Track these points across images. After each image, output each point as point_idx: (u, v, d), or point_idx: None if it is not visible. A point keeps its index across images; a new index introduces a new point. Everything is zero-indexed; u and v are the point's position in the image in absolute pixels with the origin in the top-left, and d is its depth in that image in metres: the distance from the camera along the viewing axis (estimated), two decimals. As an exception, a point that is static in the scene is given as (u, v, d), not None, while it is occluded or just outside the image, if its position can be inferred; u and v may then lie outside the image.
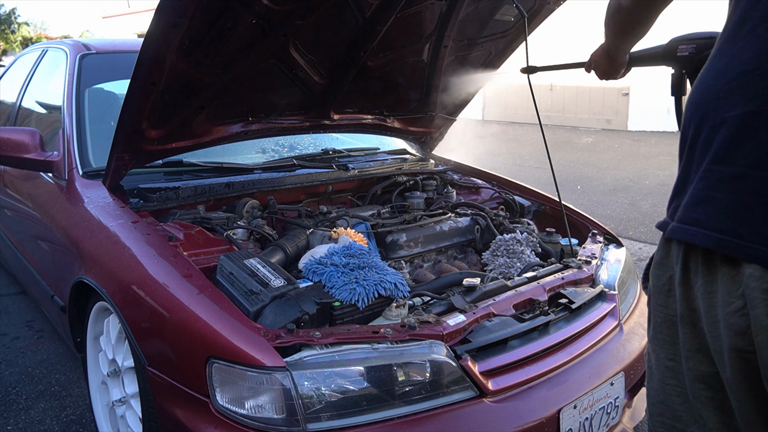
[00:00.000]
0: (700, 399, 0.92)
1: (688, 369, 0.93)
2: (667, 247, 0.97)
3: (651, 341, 1.03)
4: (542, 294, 1.82)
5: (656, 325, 1.01)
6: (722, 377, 0.88)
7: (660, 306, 1.00)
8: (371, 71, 2.40)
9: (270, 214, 2.20)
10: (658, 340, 1.00)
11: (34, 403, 2.44)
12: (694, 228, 0.87)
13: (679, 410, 0.97)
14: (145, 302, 1.60)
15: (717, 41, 0.92)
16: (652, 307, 1.03)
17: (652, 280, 1.02)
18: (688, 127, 0.93)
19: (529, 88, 1.94)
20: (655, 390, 1.02)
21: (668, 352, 0.98)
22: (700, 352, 0.91)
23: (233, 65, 1.94)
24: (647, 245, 4.73)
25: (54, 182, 2.34)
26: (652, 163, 8.40)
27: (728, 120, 0.84)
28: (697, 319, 0.90)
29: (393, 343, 1.46)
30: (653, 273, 1.02)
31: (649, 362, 1.04)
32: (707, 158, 0.87)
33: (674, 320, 0.96)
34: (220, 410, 1.38)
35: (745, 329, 0.81)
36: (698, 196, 0.88)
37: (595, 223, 2.50)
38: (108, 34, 25.35)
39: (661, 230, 0.96)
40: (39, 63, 3.13)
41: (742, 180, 0.82)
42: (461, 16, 2.27)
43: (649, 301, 1.04)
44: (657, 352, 1.01)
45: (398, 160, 2.90)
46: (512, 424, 1.48)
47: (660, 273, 0.99)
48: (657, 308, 1.01)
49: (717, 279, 0.85)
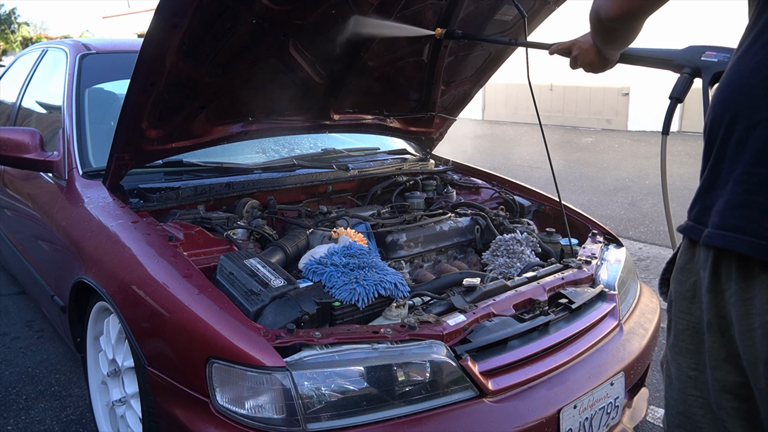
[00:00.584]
0: (725, 410, 0.89)
1: (714, 379, 0.90)
2: (691, 252, 0.92)
3: (671, 349, 0.99)
4: (542, 294, 1.82)
5: (678, 333, 0.97)
6: (754, 387, 0.84)
7: (683, 313, 0.95)
8: (371, 71, 2.40)
9: (270, 214, 2.20)
10: (680, 349, 0.96)
11: (34, 403, 2.44)
12: (733, 234, 0.82)
13: (701, 422, 0.93)
14: (145, 302, 1.60)
15: (743, 38, 0.88)
16: (673, 314, 0.98)
17: (673, 285, 0.98)
18: (718, 126, 0.88)
19: (529, 88, 1.94)
20: (675, 400, 0.98)
21: (691, 361, 0.94)
22: (728, 361, 0.87)
23: (233, 65, 1.94)
24: (647, 245, 4.73)
25: (54, 182, 2.34)
26: (652, 163, 8.39)
27: (765, 120, 0.80)
28: (726, 326, 0.86)
29: (393, 343, 1.46)
30: (675, 279, 0.97)
31: (668, 372, 1.00)
32: (743, 160, 0.82)
33: (698, 328, 0.92)
34: (220, 410, 1.38)
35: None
36: (736, 200, 0.83)
37: (595, 223, 2.50)
38: (108, 34, 25.35)
39: (688, 235, 0.92)
40: (39, 63, 3.13)
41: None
42: (461, 16, 2.27)
43: (670, 308, 0.99)
44: (678, 361, 0.97)
45: (398, 160, 2.90)
46: (512, 424, 1.48)
47: (683, 279, 0.95)
48: (679, 315, 0.96)
49: (755, 285, 0.81)
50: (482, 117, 14.51)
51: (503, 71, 2.92)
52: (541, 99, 13.07)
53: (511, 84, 12.54)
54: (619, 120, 12.22)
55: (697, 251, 0.91)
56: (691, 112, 10.43)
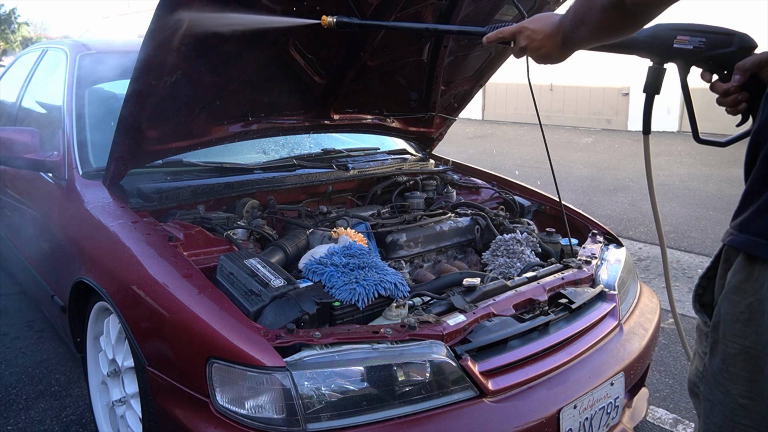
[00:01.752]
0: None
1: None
2: (749, 270, 0.85)
3: (717, 374, 0.91)
4: (542, 294, 1.82)
5: (728, 357, 0.89)
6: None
7: (736, 336, 0.88)
8: (371, 71, 2.40)
9: (270, 214, 2.20)
10: (730, 374, 0.89)
11: (34, 403, 2.44)
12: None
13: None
14: (145, 302, 1.60)
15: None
16: (721, 337, 0.90)
17: (725, 306, 0.90)
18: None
19: (530, 88, 1.94)
20: (719, 427, 0.91)
21: (743, 389, 0.88)
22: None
23: (233, 65, 1.94)
24: (647, 245, 4.72)
25: (54, 182, 2.34)
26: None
27: None
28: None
29: (393, 343, 1.46)
30: (728, 299, 0.89)
31: (709, 396, 0.93)
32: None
33: (754, 353, 0.85)
34: (220, 410, 1.39)
35: None
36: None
37: (595, 223, 2.50)
38: (108, 34, 25.35)
39: (752, 251, 0.84)
40: (39, 63, 3.13)
41: None
42: (461, 16, 2.27)
43: (716, 329, 0.91)
44: (727, 387, 0.90)
45: (398, 160, 2.90)
46: (512, 424, 1.48)
47: (738, 299, 0.87)
48: (731, 338, 0.88)
49: None
50: (482, 117, 14.51)
51: (503, 71, 2.92)
52: (541, 99, 13.07)
53: (511, 84, 12.53)
54: (619, 120, 12.21)
55: (757, 269, 0.84)
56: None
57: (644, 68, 1.43)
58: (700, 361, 0.97)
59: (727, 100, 1.13)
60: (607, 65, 10.91)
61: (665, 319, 3.32)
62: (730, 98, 1.12)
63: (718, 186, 6.78)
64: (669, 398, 2.55)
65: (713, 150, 9.00)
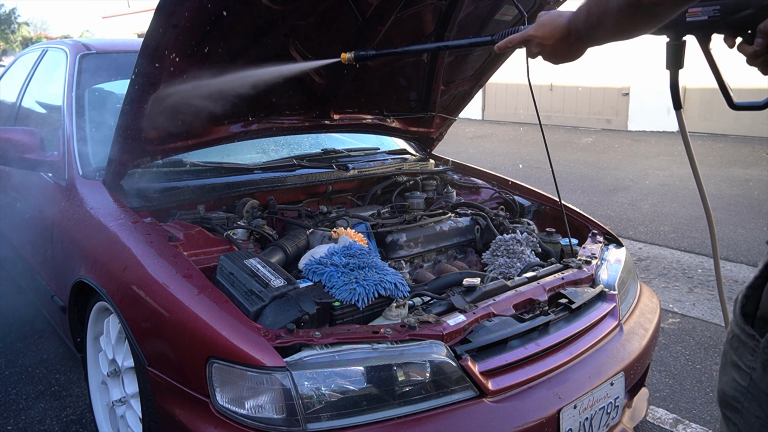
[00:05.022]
0: None
1: None
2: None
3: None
4: (542, 294, 1.82)
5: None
6: None
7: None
8: (371, 71, 2.40)
9: (270, 214, 2.20)
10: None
11: (34, 403, 2.44)
12: None
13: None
14: (145, 302, 1.60)
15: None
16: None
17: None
18: None
19: (530, 88, 1.94)
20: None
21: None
22: None
23: (233, 65, 1.93)
24: (647, 245, 4.73)
25: (54, 182, 2.34)
26: (652, 163, 8.39)
27: None
28: None
29: (393, 343, 1.46)
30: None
31: (758, 414, 0.88)
32: None
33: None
34: (220, 410, 1.39)
35: None
36: None
37: (595, 223, 2.50)
38: (108, 34, 25.34)
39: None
40: (39, 63, 3.13)
41: None
42: (461, 16, 2.27)
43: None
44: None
45: (398, 160, 2.90)
46: (512, 424, 1.48)
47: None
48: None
49: None
50: (482, 117, 14.50)
51: (503, 71, 2.92)
52: (541, 99, 13.06)
53: (511, 84, 12.53)
54: (619, 120, 12.21)
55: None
56: (692, 112, 10.42)
57: (644, 68, 1.41)
58: (741, 374, 0.91)
59: (756, 62, 1.05)
60: (607, 65, 10.91)
61: (665, 319, 3.32)
62: (759, 60, 1.04)
63: (718, 186, 6.78)
64: (669, 398, 2.55)
65: (713, 150, 9.00)
